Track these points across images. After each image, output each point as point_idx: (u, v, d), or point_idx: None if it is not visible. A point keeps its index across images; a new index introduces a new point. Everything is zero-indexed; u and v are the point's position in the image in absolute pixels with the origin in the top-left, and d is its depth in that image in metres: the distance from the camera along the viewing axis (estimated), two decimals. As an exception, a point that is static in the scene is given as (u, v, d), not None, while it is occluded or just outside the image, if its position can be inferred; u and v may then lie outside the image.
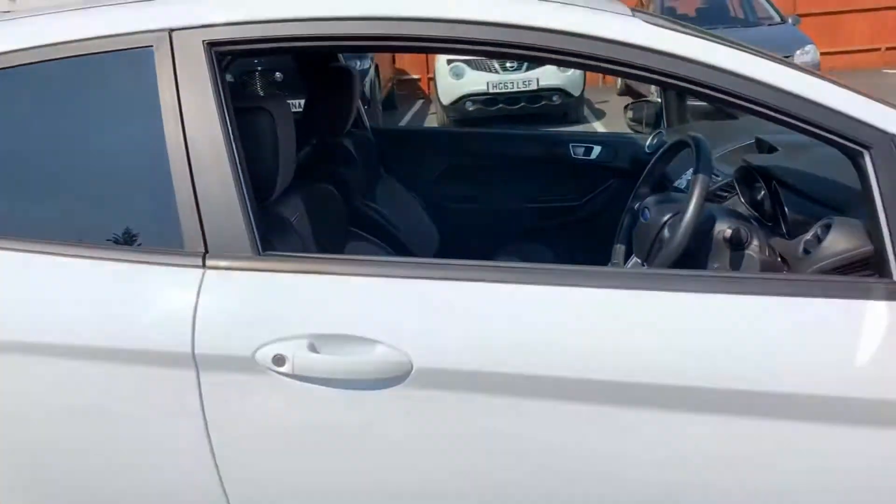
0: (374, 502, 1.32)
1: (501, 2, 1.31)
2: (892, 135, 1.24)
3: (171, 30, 1.33)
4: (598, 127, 8.90)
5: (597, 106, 10.30)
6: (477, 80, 8.67)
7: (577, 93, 8.79)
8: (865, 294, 1.23)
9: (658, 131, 2.55)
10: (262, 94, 6.60)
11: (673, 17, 9.67)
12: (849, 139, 1.25)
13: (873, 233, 1.27)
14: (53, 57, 1.33)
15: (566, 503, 1.28)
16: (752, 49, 1.34)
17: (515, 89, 8.63)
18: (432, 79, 10.63)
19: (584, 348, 1.21)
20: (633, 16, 1.33)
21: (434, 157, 2.68)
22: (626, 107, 2.84)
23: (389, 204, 2.28)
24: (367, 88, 7.98)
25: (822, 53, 13.03)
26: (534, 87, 8.54)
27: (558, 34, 1.28)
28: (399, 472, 1.29)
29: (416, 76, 13.39)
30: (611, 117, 9.28)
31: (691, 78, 1.25)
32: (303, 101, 2.16)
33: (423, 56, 13.00)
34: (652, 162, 1.87)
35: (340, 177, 2.03)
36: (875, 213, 1.25)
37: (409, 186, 2.53)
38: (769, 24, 9.26)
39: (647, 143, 2.51)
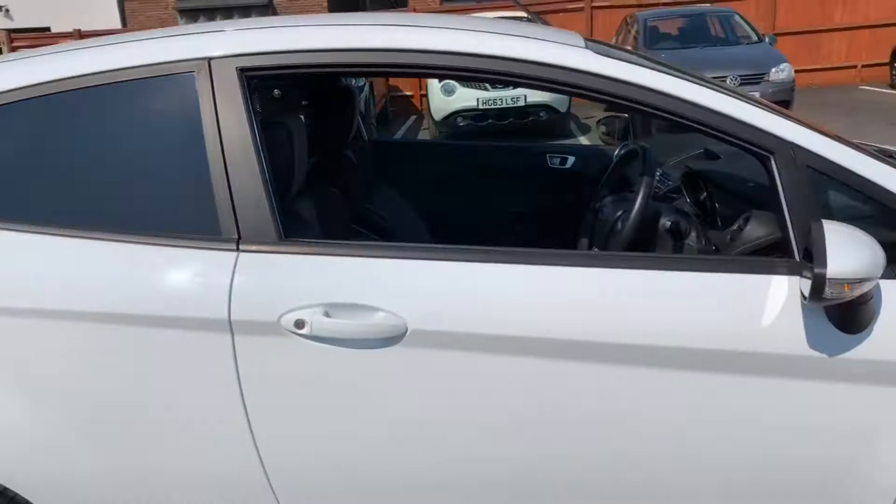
0: (381, 445, 1.60)
1: (485, 38, 1.63)
2: (791, 142, 1.55)
3: (210, 59, 1.63)
4: (584, 141, 9.26)
5: (583, 121, 10.67)
6: (467, 97, 9.02)
7: (563, 109, 9.15)
8: (772, 270, 1.54)
9: (625, 143, 2.87)
10: (260, 109, 6.90)
11: (656, 36, 10.06)
12: (757, 146, 1.57)
13: (780, 223, 1.58)
14: (115, 80, 1.63)
15: (535, 436, 1.57)
16: (679, 72, 1.65)
17: (504, 105, 8.98)
18: (425, 95, 10.96)
19: (543, 313, 1.51)
20: (586, 48, 1.64)
21: (426, 165, 3.00)
22: (598, 121, 3.15)
23: (386, 206, 2.59)
24: (361, 105, 8.31)
25: (801, 70, 13.53)
26: (522, 103, 8.90)
27: (530, 63, 1.59)
28: (400, 419, 1.57)
29: (408, 93, 13.75)
30: (596, 132, 9.63)
31: (631, 97, 1.56)
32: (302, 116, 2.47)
33: (414, 87, 13.39)
34: (610, 168, 2.19)
35: (344, 182, 2.33)
36: (780, 207, 1.56)
37: (404, 192, 2.83)
38: (747, 43, 9.65)
39: (615, 153, 2.82)
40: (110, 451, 1.63)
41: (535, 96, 8.84)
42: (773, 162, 1.56)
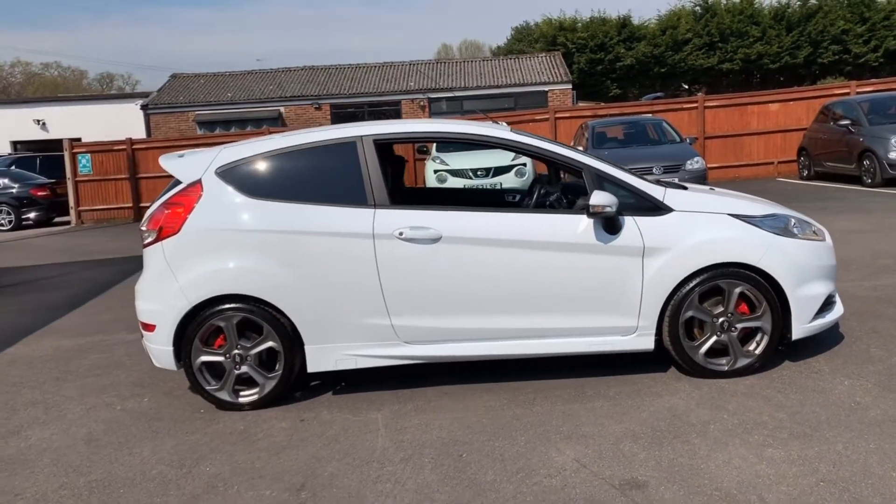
0: (432, 282, 3.98)
1: (468, 126, 4.19)
2: (587, 165, 4.07)
3: (362, 137, 4.15)
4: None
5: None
6: (456, 184, 11.64)
7: (531, 193, 11.79)
8: (582, 212, 4.02)
9: (535, 179, 5.36)
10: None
11: (602, 139, 12.89)
12: (573, 168, 4.09)
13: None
14: (321, 146, 4.14)
15: (490, 276, 3.98)
16: (550, 141, 4.19)
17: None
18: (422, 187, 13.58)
19: (489, 227, 3.97)
20: (510, 130, 4.19)
21: (441, 197, 5.52)
22: (534, 180, 5.70)
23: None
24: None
25: (729, 166, 16.48)
26: (498, 188, 11.51)
27: (479, 134, 4.15)
28: (440, 272, 3.97)
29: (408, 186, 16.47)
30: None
31: (519, 149, 4.12)
32: None
33: (411, 172, 16.17)
34: (528, 188, 4.71)
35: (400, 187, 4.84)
36: (587, 189, 4.05)
37: None
38: (671, 143, 12.48)
39: (530, 183, 5.32)
40: (318, 288, 4.01)
41: (508, 183, 11.48)
42: (583, 174, 4.07)
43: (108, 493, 3.28)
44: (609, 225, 3.98)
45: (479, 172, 11.61)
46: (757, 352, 4.12)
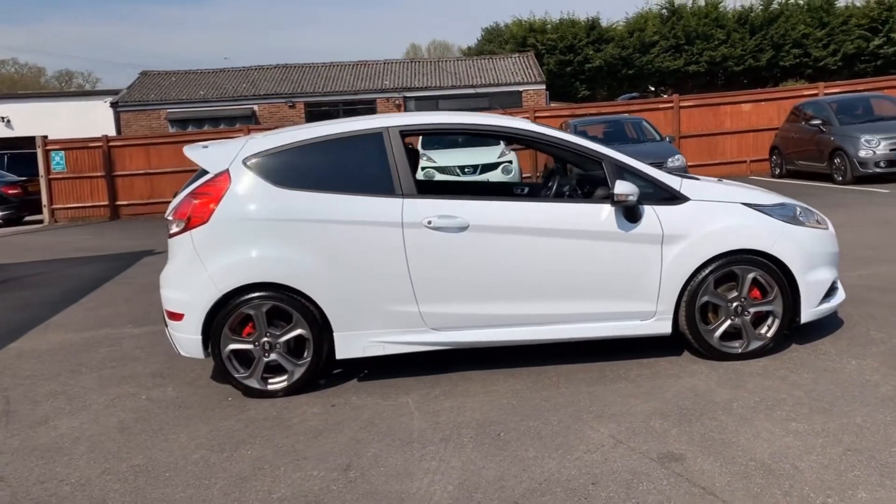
0: (456, 269, 4.08)
1: (494, 118, 4.30)
2: (606, 155, 4.21)
3: (388, 127, 4.24)
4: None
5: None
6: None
7: (516, 190, 11.96)
8: (604, 201, 4.16)
9: (548, 170, 5.52)
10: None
11: (584, 137, 13.11)
12: (592, 158, 4.23)
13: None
14: (348, 136, 4.22)
15: (511, 264, 4.10)
16: (571, 135, 4.33)
17: (472, 187, 11.73)
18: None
19: (514, 215, 4.09)
20: (531, 122, 4.31)
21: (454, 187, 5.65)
22: (539, 172, 5.85)
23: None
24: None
25: (703, 164, 16.82)
26: (493, 182, 11.65)
27: (503, 127, 4.27)
28: (466, 259, 4.07)
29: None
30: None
31: (541, 140, 4.26)
32: None
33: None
34: (542, 180, 4.84)
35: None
36: (607, 180, 4.19)
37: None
38: (651, 141, 12.76)
39: (542, 174, 5.46)
40: (347, 276, 4.09)
41: (496, 179, 11.62)
42: (601, 164, 4.22)
43: (153, 477, 3.31)
44: (630, 214, 4.13)
45: (466, 169, 11.73)
46: (769, 335, 4.31)
